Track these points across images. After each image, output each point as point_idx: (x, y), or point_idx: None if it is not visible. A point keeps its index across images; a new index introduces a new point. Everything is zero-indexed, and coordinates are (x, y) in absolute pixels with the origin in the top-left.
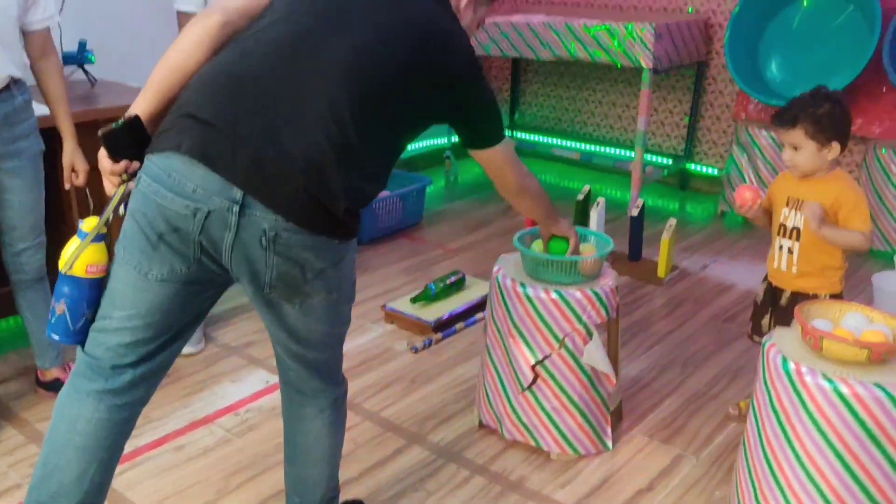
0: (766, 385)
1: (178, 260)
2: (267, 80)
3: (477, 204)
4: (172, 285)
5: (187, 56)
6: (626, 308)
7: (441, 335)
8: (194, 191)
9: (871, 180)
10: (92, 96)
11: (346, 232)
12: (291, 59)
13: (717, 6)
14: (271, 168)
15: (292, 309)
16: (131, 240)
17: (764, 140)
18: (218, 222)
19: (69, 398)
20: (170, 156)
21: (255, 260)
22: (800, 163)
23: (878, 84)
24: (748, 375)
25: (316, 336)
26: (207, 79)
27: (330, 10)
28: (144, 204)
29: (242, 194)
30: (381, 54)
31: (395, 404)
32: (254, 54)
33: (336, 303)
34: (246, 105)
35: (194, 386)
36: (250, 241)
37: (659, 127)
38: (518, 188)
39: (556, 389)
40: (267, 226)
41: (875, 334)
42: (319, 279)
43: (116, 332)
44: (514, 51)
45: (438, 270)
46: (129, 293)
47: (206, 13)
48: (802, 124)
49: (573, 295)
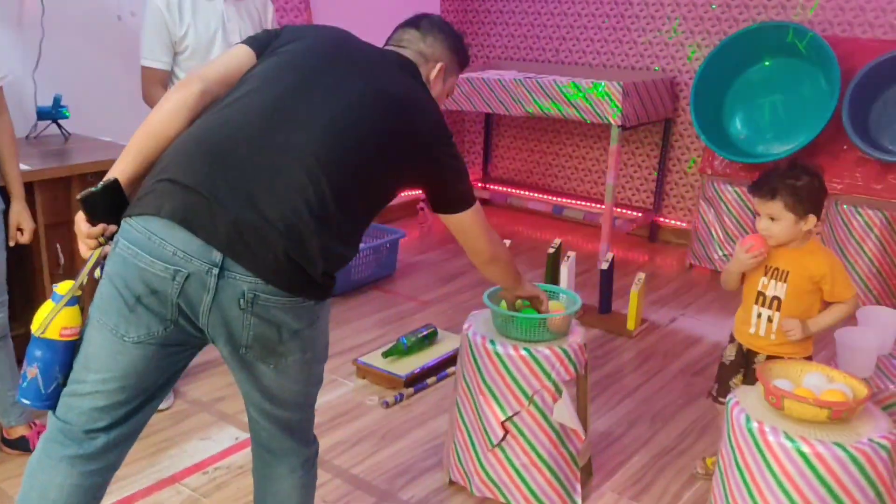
0: (731, 443)
1: (155, 322)
2: (246, 148)
3: (450, 255)
4: (148, 347)
5: (167, 123)
6: (595, 361)
7: (412, 390)
8: (174, 254)
9: (833, 235)
10: (66, 151)
11: (322, 293)
12: (269, 127)
13: (683, 65)
14: (251, 232)
15: (267, 369)
16: (108, 302)
17: (729, 195)
18: (197, 285)
19: (40, 465)
20: (149, 219)
21: (232, 321)
22: (776, 233)
23: (838, 142)
24: (715, 431)
25: (289, 396)
26: (187, 145)
27: (306, 81)
28: (123, 267)
29: (222, 257)
30: (357, 124)
31: (366, 461)
32: (233, 122)
33: (310, 363)
34: (225, 171)
35: (162, 443)
36: (228, 302)
37: (628, 181)
38: (490, 256)
39: (526, 446)
40: (246, 288)
41: (835, 394)
42: (295, 340)
43: (90, 396)
44: (486, 106)
45: (411, 323)
46: (104, 356)
47: (185, 82)
48: (781, 196)
49: (542, 352)
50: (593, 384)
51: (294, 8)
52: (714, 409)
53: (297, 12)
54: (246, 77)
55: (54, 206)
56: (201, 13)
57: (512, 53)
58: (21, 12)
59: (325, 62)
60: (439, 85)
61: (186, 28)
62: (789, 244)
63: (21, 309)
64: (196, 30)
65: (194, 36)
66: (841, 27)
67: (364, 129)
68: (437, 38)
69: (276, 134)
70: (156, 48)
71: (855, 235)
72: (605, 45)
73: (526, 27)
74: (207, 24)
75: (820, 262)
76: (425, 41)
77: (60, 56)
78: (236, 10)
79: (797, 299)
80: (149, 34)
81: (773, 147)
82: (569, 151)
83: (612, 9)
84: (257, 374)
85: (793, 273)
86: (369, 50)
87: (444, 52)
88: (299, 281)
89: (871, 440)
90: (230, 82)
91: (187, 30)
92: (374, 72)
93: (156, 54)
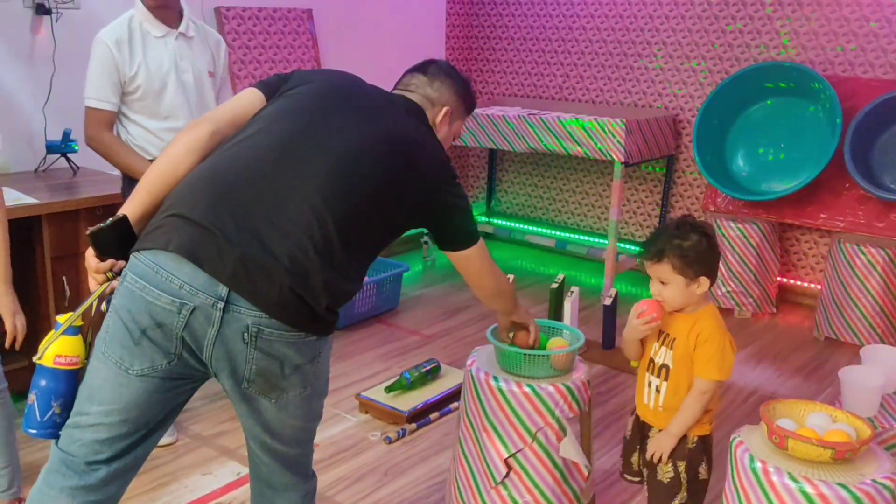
0: (735, 482)
1: (159, 355)
2: (253, 185)
3: (454, 289)
4: (152, 380)
5: (177, 163)
6: (599, 398)
7: (415, 425)
8: (181, 287)
9: (836, 273)
10: (74, 185)
11: (325, 329)
12: (277, 166)
13: (685, 103)
14: (256, 267)
15: (268, 403)
16: (114, 335)
17: (733, 232)
18: (202, 318)
19: (41, 495)
20: (158, 253)
21: (235, 355)
22: (667, 298)
23: (840, 180)
24: (720, 469)
25: (289, 431)
26: (196, 182)
27: (314, 122)
28: (130, 300)
29: (228, 291)
30: (363, 165)
31: (368, 497)
32: (241, 160)
33: (310, 398)
34: (233, 208)
35: (163, 478)
36: (233, 336)
37: (631, 216)
38: (494, 290)
39: (529, 484)
40: (250, 321)
41: (838, 434)
42: (296, 374)
43: (93, 428)
44: (490, 142)
45: (414, 357)
46: (108, 389)
47: (196, 123)
48: (669, 258)
49: (545, 389)
50: (597, 421)
51: (302, 45)
52: (719, 446)
53: (304, 49)
54: (255, 118)
55: (61, 239)
56: (152, 52)
57: (516, 90)
58: (33, 49)
59: (333, 104)
60: (445, 128)
61: (137, 67)
62: (685, 309)
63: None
64: (147, 69)
65: (146, 75)
66: (842, 67)
67: (370, 170)
68: (443, 83)
69: (284, 173)
70: (103, 88)
71: (858, 274)
72: (608, 83)
73: (530, 64)
74: (160, 62)
75: (701, 330)
76: (432, 86)
77: (70, 91)
78: (188, 46)
79: (685, 368)
80: (96, 74)
81: (775, 185)
82: (572, 187)
83: (616, 47)
84: (259, 408)
85: (679, 340)
86: (377, 93)
87: (451, 97)
88: (303, 316)
89: (874, 481)
90: (239, 123)
91: (138, 69)
92: (380, 114)
93: (103, 94)
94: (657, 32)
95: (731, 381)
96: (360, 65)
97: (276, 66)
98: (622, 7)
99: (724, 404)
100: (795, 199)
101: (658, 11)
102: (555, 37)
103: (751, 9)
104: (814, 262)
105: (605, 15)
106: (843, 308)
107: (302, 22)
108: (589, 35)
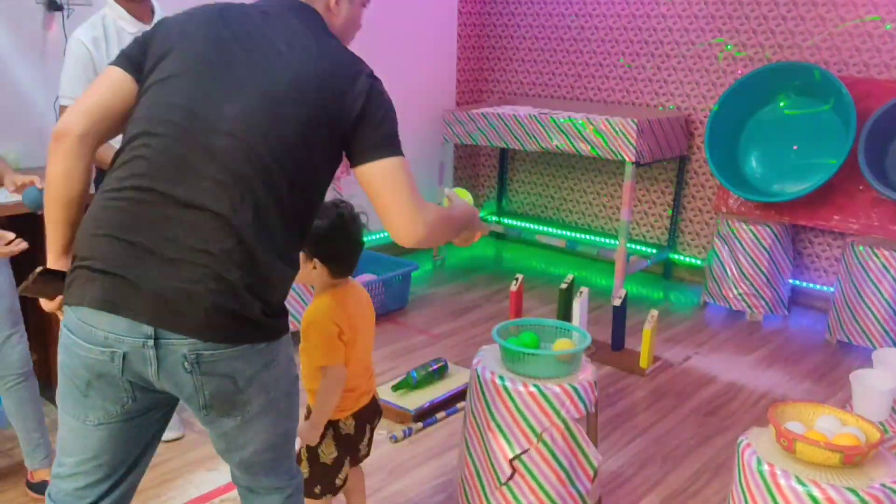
0: (742, 486)
1: (110, 403)
2: (148, 213)
3: (463, 288)
4: (113, 426)
5: (68, 186)
6: (607, 399)
7: (421, 424)
8: (106, 337)
9: (849, 276)
10: None
11: (271, 333)
12: (173, 184)
13: (698, 103)
14: (174, 296)
15: (234, 422)
16: (64, 391)
17: (744, 233)
18: (137, 360)
19: None
20: (78, 309)
21: (183, 385)
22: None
23: (854, 182)
24: (728, 472)
25: (262, 441)
26: (90, 227)
27: (200, 117)
28: (68, 356)
29: (153, 329)
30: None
31: (374, 496)
32: (130, 190)
33: (276, 402)
34: (132, 244)
35: (168, 474)
36: (174, 368)
37: (643, 217)
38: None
39: (534, 485)
40: (186, 350)
41: (847, 437)
42: (254, 385)
43: (71, 478)
44: (501, 141)
45: (421, 357)
46: (73, 440)
47: (57, 135)
48: None
49: (551, 389)
50: (604, 422)
51: None
52: (728, 449)
53: None
54: (134, 126)
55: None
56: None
57: (527, 89)
58: (45, 45)
59: (215, 85)
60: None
61: None
62: (321, 291)
63: (33, 345)
64: None
65: None
66: (857, 68)
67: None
68: None
69: (178, 187)
70: (79, 87)
71: (871, 277)
72: (619, 83)
73: (542, 63)
74: None
75: (307, 316)
76: None
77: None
78: None
79: (304, 355)
80: (71, 72)
81: (788, 186)
82: (583, 187)
83: (628, 47)
84: (226, 429)
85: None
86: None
87: None
88: (239, 330)
89: (883, 485)
90: (111, 115)
91: None
92: (269, 55)
93: (79, 93)
94: (669, 32)
95: (741, 384)
96: (371, 63)
97: None
98: (635, 6)
99: (734, 407)
100: (808, 200)
101: (671, 11)
102: (567, 36)
103: (764, 8)
104: (827, 265)
105: (617, 14)
106: (856, 311)
107: None
108: (601, 34)
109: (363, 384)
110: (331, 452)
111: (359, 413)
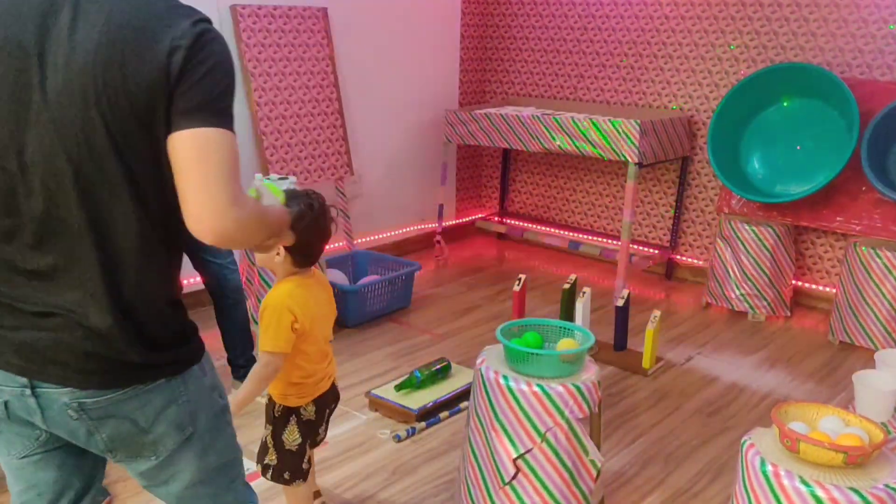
0: (745, 486)
1: (24, 438)
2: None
3: (465, 288)
4: (41, 457)
5: None
6: (610, 399)
7: (425, 424)
8: None
9: (851, 277)
10: None
11: (166, 369)
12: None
13: (701, 104)
14: (41, 346)
15: (149, 463)
16: None
17: (746, 234)
18: (20, 407)
19: None
20: None
21: (76, 431)
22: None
23: (857, 183)
24: (731, 473)
25: (189, 478)
26: None
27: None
28: None
29: (27, 380)
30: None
31: (376, 495)
32: None
33: (197, 437)
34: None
35: None
36: (59, 416)
37: (645, 218)
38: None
39: (537, 484)
40: (66, 399)
41: (851, 438)
42: (160, 423)
43: None
44: (504, 142)
45: (425, 356)
46: (10, 473)
47: None
48: None
49: (555, 389)
50: (607, 422)
51: (317, 44)
52: (731, 449)
53: (319, 47)
54: None
55: None
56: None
57: (530, 90)
58: None
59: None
60: None
61: None
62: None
63: None
64: None
65: None
66: (860, 69)
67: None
68: None
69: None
70: None
71: (874, 278)
72: (622, 83)
73: (544, 64)
74: None
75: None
76: None
77: None
78: None
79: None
80: None
81: (790, 187)
82: (586, 187)
83: (631, 47)
84: (142, 469)
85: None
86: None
87: None
88: (123, 372)
89: (886, 486)
90: None
91: None
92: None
93: None
94: (673, 33)
95: (743, 385)
96: (374, 64)
97: (291, 64)
98: (638, 7)
99: (736, 407)
100: (811, 201)
101: (674, 12)
102: (569, 37)
103: (768, 10)
104: (829, 266)
105: (620, 15)
106: (859, 312)
107: (317, 20)
108: (604, 35)
109: (321, 370)
110: (295, 439)
111: (319, 399)
